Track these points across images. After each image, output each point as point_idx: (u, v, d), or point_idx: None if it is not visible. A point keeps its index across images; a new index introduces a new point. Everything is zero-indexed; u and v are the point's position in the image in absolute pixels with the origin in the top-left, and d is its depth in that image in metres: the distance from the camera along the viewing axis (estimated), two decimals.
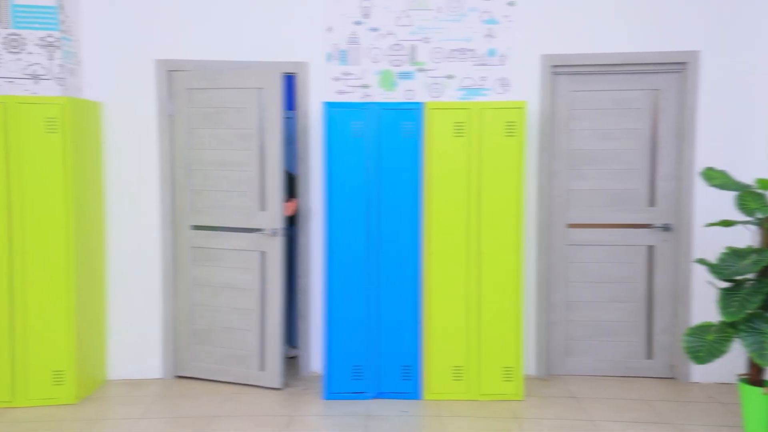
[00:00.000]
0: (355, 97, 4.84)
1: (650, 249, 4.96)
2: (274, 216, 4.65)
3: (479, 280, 4.50)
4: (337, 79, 4.83)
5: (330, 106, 4.48)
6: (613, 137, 4.92)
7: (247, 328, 4.78)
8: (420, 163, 4.48)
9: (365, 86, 4.84)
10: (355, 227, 4.49)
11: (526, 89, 4.82)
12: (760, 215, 3.91)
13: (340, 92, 4.84)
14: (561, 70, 4.85)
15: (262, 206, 4.68)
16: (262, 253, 4.70)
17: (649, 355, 5.00)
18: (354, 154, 4.48)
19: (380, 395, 4.56)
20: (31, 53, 4.41)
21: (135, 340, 4.92)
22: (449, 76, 4.83)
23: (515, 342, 4.52)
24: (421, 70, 4.84)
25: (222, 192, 4.79)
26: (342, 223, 4.49)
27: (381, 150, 4.48)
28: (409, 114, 4.48)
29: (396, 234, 4.50)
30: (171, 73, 4.82)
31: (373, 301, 4.53)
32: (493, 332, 4.53)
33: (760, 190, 3.96)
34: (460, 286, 4.51)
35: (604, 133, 4.93)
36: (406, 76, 4.85)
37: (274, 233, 4.65)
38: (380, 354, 4.55)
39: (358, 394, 4.55)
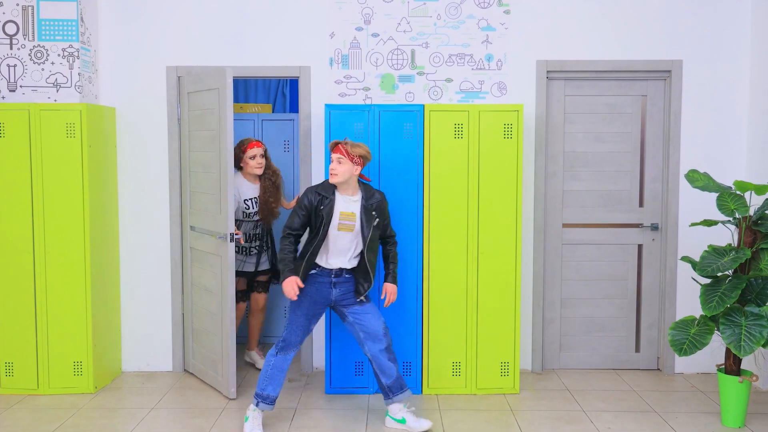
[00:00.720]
0: (357, 99, 4.93)
1: (639, 248, 5.12)
2: (226, 220, 4.44)
3: (477, 278, 4.58)
4: (339, 82, 4.94)
5: (331, 108, 4.55)
6: (605, 140, 5.05)
7: (215, 332, 4.70)
8: (421, 163, 4.55)
9: (366, 89, 4.98)
10: None
11: (523, 93, 4.93)
12: (738, 215, 4.07)
13: (342, 95, 4.95)
14: (555, 75, 4.97)
15: (220, 209, 4.54)
16: (221, 258, 4.56)
17: (638, 348, 5.16)
18: None
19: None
20: (53, 63, 4.62)
21: (147, 335, 5.06)
22: (448, 80, 4.96)
23: (512, 338, 4.62)
24: (420, 74, 5.00)
25: (202, 193, 4.76)
26: None
27: (382, 151, 4.55)
28: (410, 116, 4.54)
29: (396, 231, 4.53)
30: (180, 78, 4.94)
31: (374, 299, 4.59)
32: (490, 329, 4.61)
33: (738, 192, 4.12)
34: (459, 284, 4.59)
35: (597, 136, 5.05)
36: (406, 79, 5.01)
37: (223, 238, 4.46)
38: None
39: (359, 389, 4.64)
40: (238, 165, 4.93)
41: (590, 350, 5.16)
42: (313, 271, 4.01)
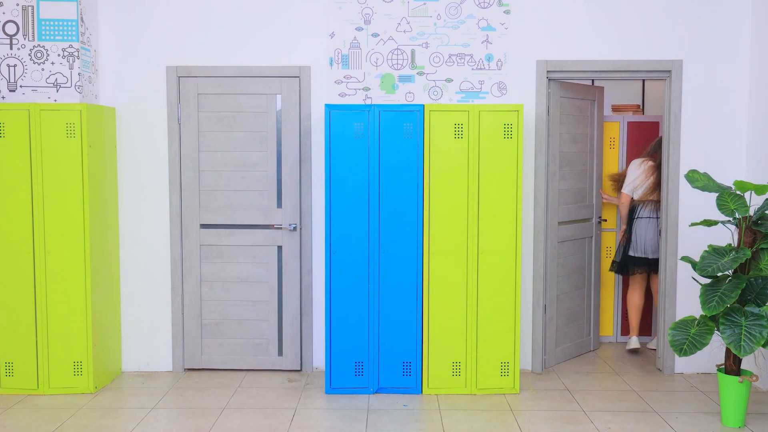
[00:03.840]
0: (357, 99, 4.94)
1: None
2: (291, 212, 5.01)
3: (477, 277, 4.58)
4: (339, 82, 4.96)
5: (331, 108, 4.55)
6: (577, 141, 5.09)
7: (262, 318, 5.04)
8: (420, 163, 4.54)
9: (366, 89, 4.99)
10: (357, 226, 4.56)
11: (523, 93, 4.94)
12: (738, 215, 4.07)
13: (342, 95, 4.97)
14: (555, 75, 4.98)
15: (279, 204, 5.01)
16: (279, 248, 5.01)
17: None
18: (355, 154, 4.54)
19: (381, 390, 4.65)
20: (53, 63, 4.63)
21: (147, 335, 5.08)
22: (448, 80, 4.98)
23: (512, 338, 4.61)
24: (420, 74, 5.00)
25: (237, 191, 5.00)
26: (344, 223, 4.56)
27: (382, 151, 4.55)
28: (410, 116, 4.54)
29: (397, 232, 4.56)
30: (181, 78, 4.97)
31: (374, 299, 4.60)
32: (490, 329, 4.60)
33: (738, 192, 4.12)
34: (459, 284, 4.58)
35: (573, 137, 5.08)
36: (406, 79, 5.01)
37: (293, 228, 4.98)
38: (381, 350, 4.64)
39: (359, 389, 4.64)
40: None
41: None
42: None
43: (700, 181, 4.24)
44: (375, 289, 4.61)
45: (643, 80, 6.03)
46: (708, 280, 4.58)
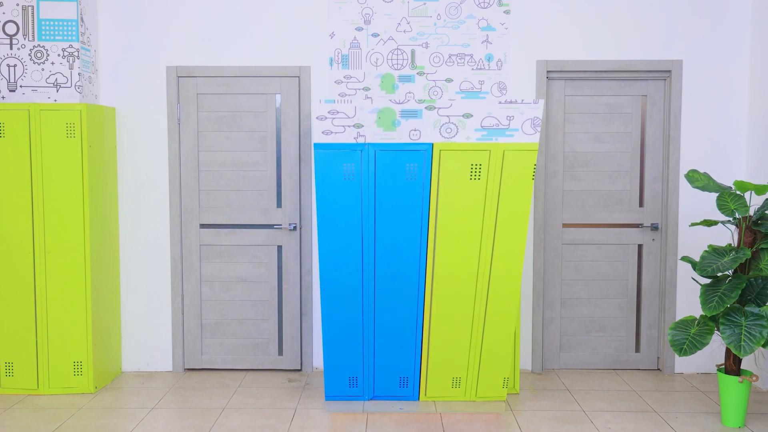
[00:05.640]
0: (357, 98, 4.90)
1: (639, 247, 5.11)
2: (291, 212, 5.04)
3: (486, 306, 4.36)
4: (339, 82, 4.97)
5: (318, 147, 4.18)
6: (604, 140, 5.09)
7: (262, 318, 5.07)
8: (426, 205, 4.27)
9: (366, 89, 4.99)
10: (350, 270, 4.31)
11: (523, 93, 4.95)
12: (738, 215, 4.08)
13: (342, 95, 4.97)
14: (555, 75, 5.00)
15: (279, 203, 5.04)
16: (279, 248, 5.04)
17: (638, 348, 5.16)
18: (346, 198, 4.26)
19: (375, 398, 4.54)
20: (53, 63, 4.63)
21: (147, 335, 5.09)
22: (448, 80, 4.97)
23: (512, 347, 4.45)
24: (421, 74, 4.98)
25: (237, 191, 5.03)
26: (338, 263, 4.30)
27: (378, 194, 4.27)
28: (415, 155, 4.21)
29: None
30: (180, 78, 4.99)
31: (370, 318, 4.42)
32: (492, 343, 4.41)
33: (738, 192, 4.12)
34: (466, 303, 4.36)
35: (596, 136, 5.10)
36: (406, 79, 4.99)
37: (293, 228, 5.01)
38: (375, 365, 4.48)
39: (354, 398, 4.50)
40: None
41: (590, 350, 5.17)
42: None
43: (700, 181, 4.25)
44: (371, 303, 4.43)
45: None
46: (708, 280, 4.59)
